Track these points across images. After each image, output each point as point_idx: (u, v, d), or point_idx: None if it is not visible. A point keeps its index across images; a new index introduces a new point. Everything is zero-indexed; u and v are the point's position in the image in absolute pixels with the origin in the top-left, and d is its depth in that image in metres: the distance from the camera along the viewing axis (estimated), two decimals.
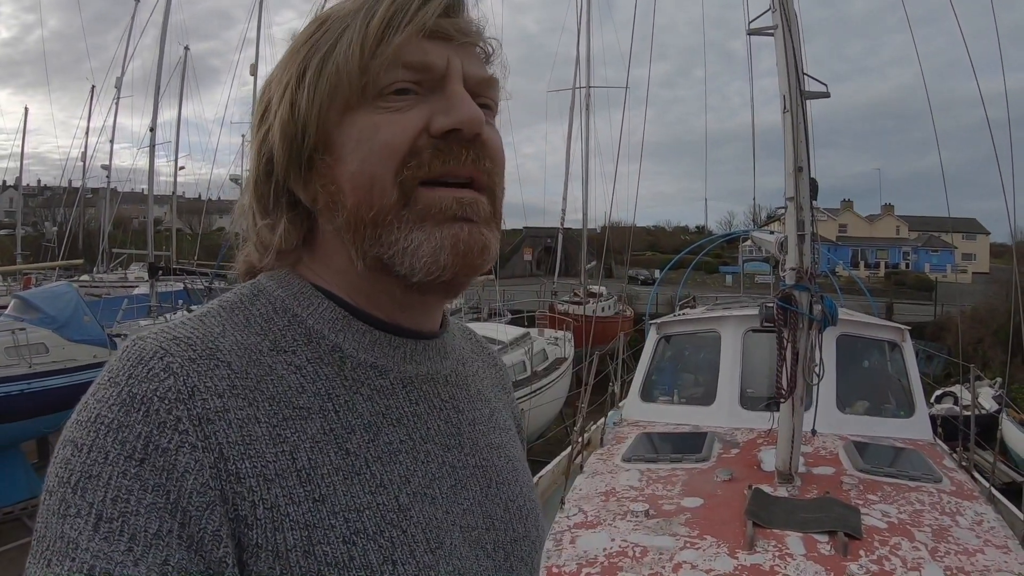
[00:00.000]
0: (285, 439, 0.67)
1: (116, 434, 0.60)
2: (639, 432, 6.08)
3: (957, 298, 29.59)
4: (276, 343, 0.74)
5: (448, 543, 0.75)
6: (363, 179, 0.73)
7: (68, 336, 10.21)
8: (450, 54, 0.76)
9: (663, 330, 7.31)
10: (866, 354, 6.71)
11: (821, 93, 5.24)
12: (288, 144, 0.76)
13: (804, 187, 4.85)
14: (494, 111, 0.82)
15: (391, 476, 0.73)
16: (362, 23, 0.73)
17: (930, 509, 4.26)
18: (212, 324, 0.72)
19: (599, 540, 3.95)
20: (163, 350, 0.65)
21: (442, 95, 0.75)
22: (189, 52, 34.02)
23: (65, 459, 0.61)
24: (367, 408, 0.75)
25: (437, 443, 0.80)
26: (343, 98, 0.74)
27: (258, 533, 0.63)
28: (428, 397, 0.82)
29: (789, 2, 5.04)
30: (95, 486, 0.58)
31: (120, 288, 25.58)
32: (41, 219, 54.45)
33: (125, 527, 0.57)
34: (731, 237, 25.78)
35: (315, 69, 0.74)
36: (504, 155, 0.82)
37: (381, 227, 0.73)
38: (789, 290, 4.70)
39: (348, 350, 0.76)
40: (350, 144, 0.74)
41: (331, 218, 0.76)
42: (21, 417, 9.20)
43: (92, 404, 0.63)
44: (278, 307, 0.77)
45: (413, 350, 0.82)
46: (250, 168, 0.82)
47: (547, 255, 48.41)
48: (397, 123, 0.73)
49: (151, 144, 20.12)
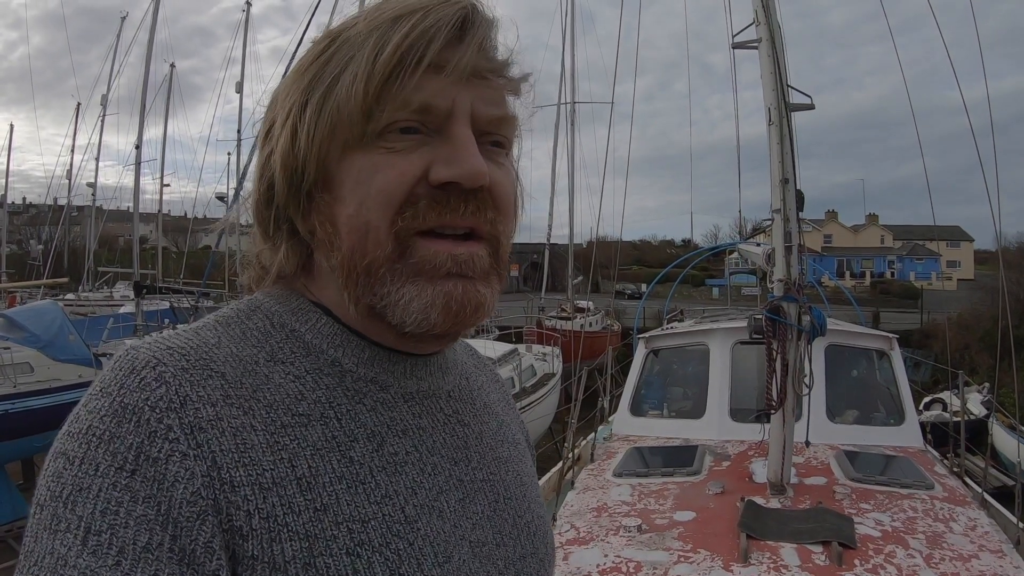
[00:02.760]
0: (284, 446, 0.65)
1: (107, 445, 0.59)
2: (629, 447, 6.05)
3: (943, 305, 29.82)
4: (273, 355, 0.72)
5: (457, 558, 0.73)
6: (359, 224, 0.71)
7: (53, 355, 10.12)
8: (457, 93, 0.71)
9: (651, 344, 7.30)
10: (855, 363, 6.73)
11: (805, 105, 5.27)
12: (288, 177, 0.74)
13: (790, 199, 4.87)
14: (507, 148, 0.79)
15: (397, 487, 0.70)
16: (370, 56, 0.69)
17: (923, 516, 4.26)
18: (207, 336, 0.71)
19: (592, 556, 3.92)
20: (156, 360, 0.64)
21: (446, 139, 0.71)
22: (175, 69, 34.05)
23: (57, 472, 0.59)
24: (370, 418, 0.73)
25: (444, 456, 0.78)
26: (343, 137, 0.71)
27: (254, 544, 0.61)
28: (431, 411, 0.80)
29: (773, 15, 5.07)
30: (85, 499, 0.57)
31: (106, 307, 25.41)
32: (26, 237, 54.11)
33: (114, 540, 0.56)
34: (717, 250, 25.88)
35: (316, 106, 0.72)
36: (513, 198, 0.78)
37: (373, 277, 0.71)
38: (777, 302, 4.71)
39: (348, 365, 0.75)
40: (348, 184, 0.71)
41: (327, 256, 0.75)
42: (5, 438, 9.11)
43: (84, 415, 0.62)
44: (275, 322, 0.76)
45: (414, 366, 0.80)
46: (252, 189, 0.80)
47: (534, 271, 48.59)
48: (395, 168, 0.70)
49: (136, 162, 20.08)
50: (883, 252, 58.85)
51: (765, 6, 5.02)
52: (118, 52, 30.55)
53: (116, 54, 30.73)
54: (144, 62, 20.37)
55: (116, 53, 30.72)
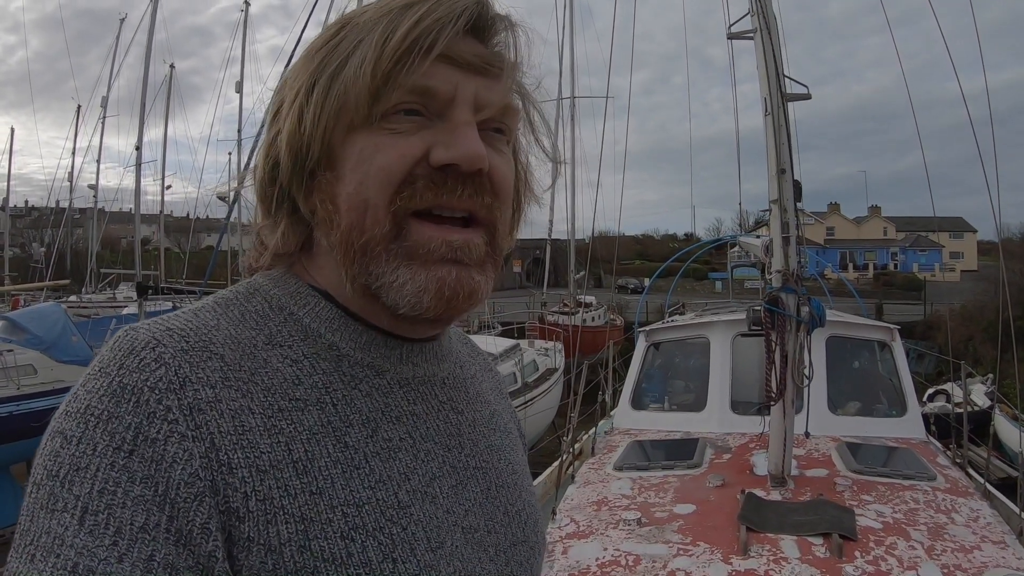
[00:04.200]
0: (280, 430, 0.66)
1: (106, 425, 0.59)
2: (630, 440, 6.06)
3: (946, 296, 29.78)
4: (272, 338, 0.73)
5: (449, 543, 0.74)
6: (358, 201, 0.72)
7: (56, 357, 10.14)
8: (460, 80, 0.73)
9: (652, 337, 7.30)
10: (856, 355, 6.71)
11: (802, 95, 5.27)
12: (293, 156, 0.75)
13: (787, 189, 4.86)
14: (508, 136, 0.80)
15: (391, 472, 0.71)
16: (379, 41, 0.70)
17: (925, 507, 4.25)
18: (206, 317, 0.71)
19: (591, 550, 3.92)
20: (155, 340, 0.65)
21: (447, 123, 0.73)
22: (174, 70, 34.09)
23: (54, 451, 0.59)
24: (366, 404, 0.74)
25: (437, 443, 0.79)
26: (348, 118, 0.72)
27: (250, 526, 0.61)
28: (426, 398, 0.81)
29: (768, 5, 5.06)
30: (82, 478, 0.57)
31: (108, 308, 25.49)
32: (28, 240, 54.29)
33: (111, 520, 0.56)
34: (719, 243, 25.85)
35: (323, 87, 0.73)
36: (511, 185, 0.79)
37: (370, 256, 0.72)
38: (776, 293, 4.70)
39: (345, 349, 0.76)
40: (350, 163, 0.73)
41: (326, 233, 0.75)
42: (9, 439, 9.11)
43: (82, 394, 0.62)
44: (274, 305, 0.76)
45: (409, 352, 0.80)
46: (258, 166, 0.80)
47: (536, 266, 48.55)
48: (396, 148, 0.71)
49: (137, 163, 20.09)
50: (886, 244, 58.74)
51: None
52: (117, 54, 30.63)
53: (115, 56, 30.81)
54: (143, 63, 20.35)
55: (115, 55, 30.81)
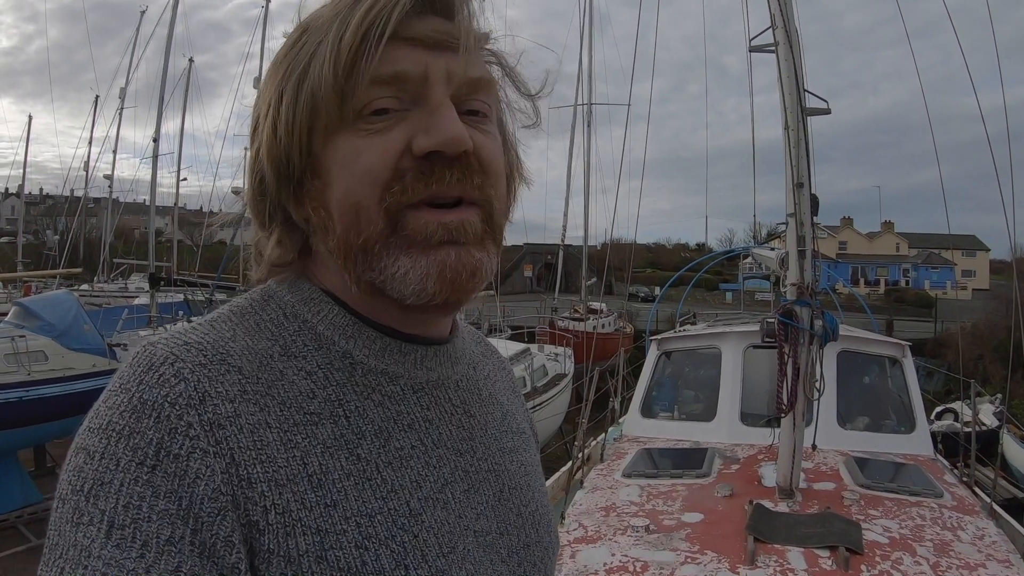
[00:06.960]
0: (296, 444, 0.67)
1: (128, 440, 0.60)
2: (639, 448, 6.06)
3: (957, 314, 29.57)
4: (287, 348, 0.73)
5: (461, 547, 0.75)
6: (348, 205, 0.72)
7: (68, 344, 10.16)
8: (429, 59, 0.72)
9: (663, 346, 7.30)
10: (866, 370, 6.70)
11: (822, 110, 5.27)
12: (275, 168, 0.75)
13: (805, 203, 4.86)
14: (489, 115, 0.78)
15: (402, 481, 0.72)
16: (335, 38, 0.69)
17: (931, 524, 4.25)
18: (223, 329, 0.72)
19: (599, 555, 3.94)
20: (174, 356, 0.65)
21: (424, 108, 0.72)
22: (193, 64, 34.24)
23: (78, 467, 0.61)
24: (378, 414, 0.74)
25: (449, 448, 0.80)
26: (323, 122, 0.72)
27: (270, 538, 0.62)
28: (439, 402, 0.81)
29: (791, 19, 5.06)
30: (107, 493, 0.58)
31: (120, 298, 25.58)
32: (42, 227, 54.57)
33: (137, 534, 0.57)
34: (731, 254, 25.76)
35: (291, 95, 0.72)
36: (501, 161, 0.79)
37: (370, 254, 0.72)
38: (790, 305, 4.71)
39: (358, 356, 0.76)
40: (335, 169, 0.72)
41: (324, 239, 0.76)
42: (18, 425, 9.14)
43: (103, 411, 0.63)
44: (288, 312, 0.77)
45: (423, 356, 0.81)
46: (245, 183, 0.81)
47: (548, 271, 48.46)
48: (377, 146, 0.71)
49: (154, 155, 20.12)
50: (898, 260, 58.39)
51: (783, 10, 5.01)
52: (137, 45, 30.78)
53: (135, 47, 30.97)
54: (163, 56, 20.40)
55: (135, 46, 30.97)
